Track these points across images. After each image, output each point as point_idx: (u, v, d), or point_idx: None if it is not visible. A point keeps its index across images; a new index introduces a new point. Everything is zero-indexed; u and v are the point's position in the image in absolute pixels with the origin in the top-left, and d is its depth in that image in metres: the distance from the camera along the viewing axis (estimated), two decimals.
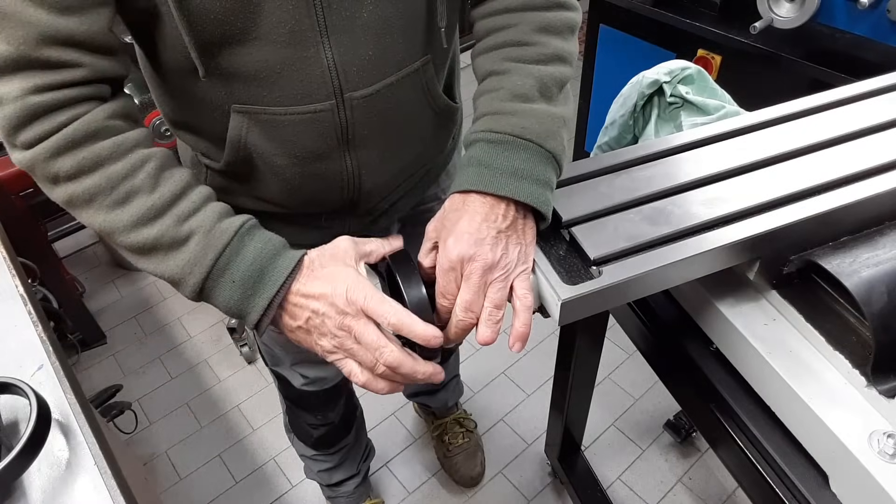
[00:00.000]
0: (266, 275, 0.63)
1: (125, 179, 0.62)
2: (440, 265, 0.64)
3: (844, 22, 1.43)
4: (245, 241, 0.64)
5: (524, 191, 0.64)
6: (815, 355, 0.69)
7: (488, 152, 0.66)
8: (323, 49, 0.68)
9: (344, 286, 0.61)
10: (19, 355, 0.81)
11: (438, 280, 0.65)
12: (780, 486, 0.68)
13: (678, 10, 1.70)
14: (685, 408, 1.00)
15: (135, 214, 0.63)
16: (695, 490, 1.66)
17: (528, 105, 0.68)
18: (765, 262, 0.71)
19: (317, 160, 0.77)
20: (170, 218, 0.63)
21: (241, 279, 0.63)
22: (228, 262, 0.63)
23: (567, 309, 0.62)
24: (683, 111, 1.06)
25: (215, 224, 0.64)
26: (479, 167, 0.65)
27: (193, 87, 0.72)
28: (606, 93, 1.94)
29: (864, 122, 0.80)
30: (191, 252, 0.63)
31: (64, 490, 0.68)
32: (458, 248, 0.63)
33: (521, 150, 0.66)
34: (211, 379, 2.00)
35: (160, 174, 0.64)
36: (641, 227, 0.67)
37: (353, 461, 1.48)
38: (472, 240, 0.62)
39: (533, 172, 0.65)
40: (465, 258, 0.62)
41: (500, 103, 0.68)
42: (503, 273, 0.63)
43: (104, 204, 0.63)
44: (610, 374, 1.92)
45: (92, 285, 2.30)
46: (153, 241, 0.63)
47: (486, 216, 0.64)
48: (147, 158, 0.64)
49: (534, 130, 0.66)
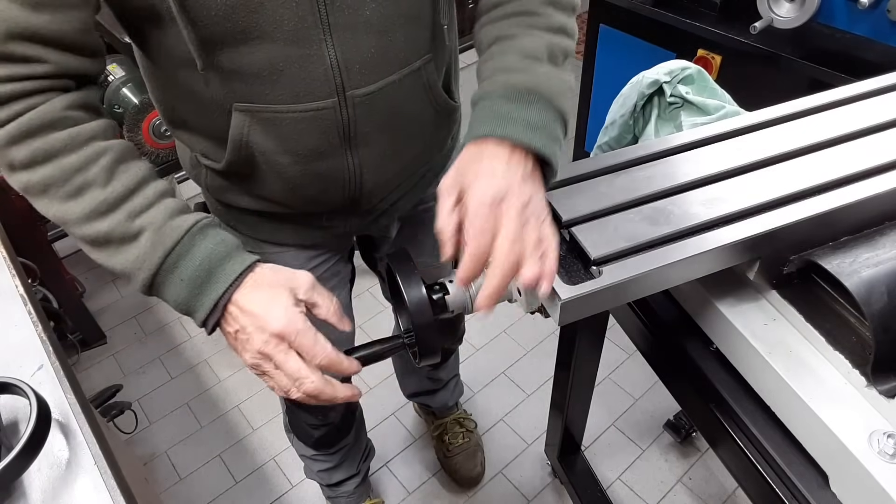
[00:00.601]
0: (214, 275, 0.64)
1: (78, 172, 0.62)
2: (473, 207, 0.61)
3: (844, 22, 1.43)
4: (196, 239, 0.64)
5: (539, 141, 0.64)
6: (815, 355, 0.69)
7: (503, 104, 0.66)
8: (326, 46, 0.68)
9: (280, 314, 0.62)
10: (19, 355, 0.81)
11: (473, 222, 0.60)
12: (780, 486, 0.68)
13: (678, 10, 1.70)
14: (685, 408, 1.00)
15: (87, 208, 0.63)
16: (695, 490, 1.66)
17: (539, 64, 0.69)
18: (765, 262, 0.71)
19: (319, 158, 0.77)
20: (121, 213, 0.63)
21: (189, 278, 0.63)
22: (177, 260, 0.64)
23: (567, 309, 0.62)
24: (683, 111, 1.06)
25: (166, 221, 0.64)
26: (494, 117, 0.65)
27: (195, 87, 0.72)
28: (606, 93, 1.94)
29: (864, 122, 0.80)
30: (141, 248, 0.63)
31: (64, 490, 0.68)
32: (493, 187, 0.60)
33: (535, 104, 0.66)
34: (211, 379, 2.00)
35: (115, 168, 0.64)
36: (641, 227, 0.67)
37: (353, 461, 1.48)
38: (503, 180, 0.61)
39: (546, 126, 0.65)
40: (499, 196, 0.60)
41: (512, 61, 0.69)
42: (536, 213, 0.62)
43: (57, 195, 0.63)
44: (610, 374, 1.92)
45: (92, 285, 2.30)
46: (104, 235, 0.63)
47: (508, 160, 0.63)
48: (103, 151, 0.64)
49: (546, 87, 0.67)
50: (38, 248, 1.80)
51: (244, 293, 0.64)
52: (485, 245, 0.60)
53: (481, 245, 0.60)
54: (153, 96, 0.83)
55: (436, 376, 1.60)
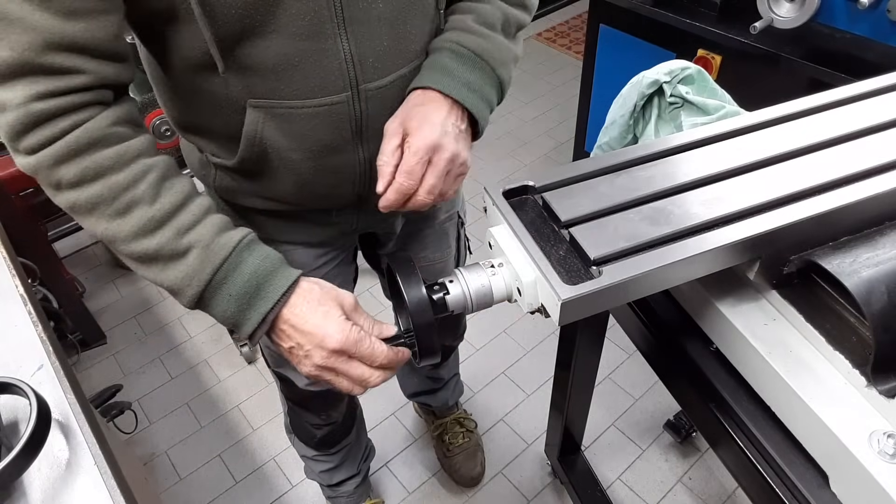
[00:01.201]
0: (262, 291, 0.65)
1: (126, 190, 0.63)
2: (412, 147, 0.70)
3: (844, 22, 1.43)
4: (243, 255, 0.66)
5: (472, 102, 0.75)
6: (815, 355, 0.69)
7: (451, 61, 0.75)
8: (340, 41, 0.70)
9: (336, 330, 0.65)
10: (19, 355, 0.81)
11: (408, 160, 0.71)
12: (780, 486, 0.68)
13: (678, 10, 1.70)
14: (685, 408, 1.00)
15: (135, 225, 0.64)
16: (695, 490, 1.66)
17: (492, 32, 0.78)
18: (765, 262, 0.71)
19: (331, 153, 0.78)
20: (170, 230, 0.64)
21: (238, 294, 0.65)
22: (226, 276, 0.65)
23: (567, 309, 0.62)
24: (683, 111, 1.06)
25: (214, 238, 0.65)
26: (441, 72, 0.74)
27: (208, 85, 0.72)
28: (606, 93, 1.94)
29: (864, 122, 0.80)
30: (189, 265, 0.65)
31: (64, 490, 0.68)
32: (431, 135, 0.70)
33: (478, 68, 0.76)
34: (211, 379, 2.00)
35: (161, 184, 0.65)
36: (641, 227, 0.67)
37: (353, 461, 1.48)
38: (441, 130, 0.71)
39: (482, 90, 0.76)
40: (436, 146, 0.71)
41: (470, 23, 0.78)
42: (457, 168, 0.74)
43: (106, 213, 0.64)
44: (610, 374, 1.92)
45: (92, 285, 2.30)
46: (153, 252, 0.64)
47: (448, 113, 0.73)
48: (149, 169, 0.65)
49: (492, 55, 0.77)
50: (38, 248, 1.80)
51: (295, 310, 0.66)
52: (410, 185, 0.71)
53: (407, 184, 0.71)
54: (161, 99, 0.83)
55: (437, 375, 1.61)
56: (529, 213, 0.71)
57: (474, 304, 0.68)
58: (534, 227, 0.69)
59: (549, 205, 0.70)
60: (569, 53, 3.42)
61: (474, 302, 0.68)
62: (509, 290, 0.68)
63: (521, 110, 2.99)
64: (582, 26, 3.54)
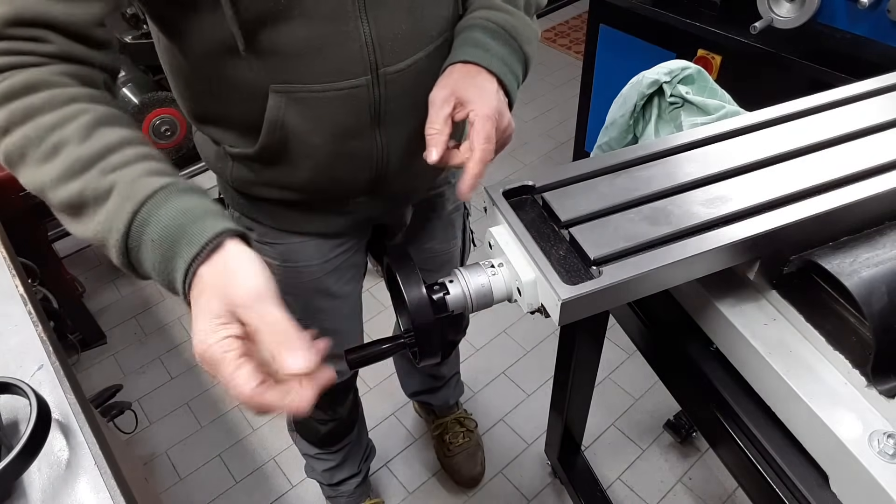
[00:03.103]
0: (188, 233, 0.52)
1: (53, 130, 0.56)
2: (481, 114, 0.70)
3: (844, 22, 1.43)
4: (171, 197, 0.54)
5: (507, 77, 0.76)
6: (815, 355, 0.69)
7: (484, 37, 0.76)
8: (361, 24, 0.71)
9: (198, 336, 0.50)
10: (19, 355, 0.81)
11: (483, 127, 0.70)
12: (780, 486, 0.68)
13: (678, 10, 1.69)
14: (685, 408, 1.00)
15: (60, 167, 0.55)
16: (695, 490, 1.66)
17: (517, 10, 0.80)
18: (765, 262, 0.71)
19: (350, 138, 0.79)
20: (95, 170, 0.55)
21: (160, 237, 0.52)
22: (148, 216, 0.53)
23: (567, 309, 0.62)
24: (683, 111, 1.06)
25: (141, 177, 0.55)
26: (477, 47, 0.75)
27: (231, 72, 0.73)
28: (606, 93, 1.94)
29: (864, 122, 0.80)
30: (110, 207, 0.54)
31: (64, 490, 0.68)
32: (493, 102, 0.72)
33: (507, 44, 0.77)
34: (211, 379, 2.00)
35: (95, 127, 0.57)
36: (641, 227, 0.67)
37: (354, 460, 1.48)
38: (497, 98, 0.73)
39: (512, 66, 0.78)
40: (499, 112, 0.72)
41: (496, 1, 0.80)
42: (510, 135, 0.75)
43: (34, 158, 0.57)
44: (610, 374, 1.92)
45: (92, 285, 2.30)
46: (76, 196, 0.55)
47: (496, 89, 0.75)
48: (82, 111, 0.58)
49: (519, 31, 0.78)
50: (38, 248, 1.80)
51: (199, 277, 0.52)
52: (490, 151, 0.70)
53: (489, 149, 0.70)
54: (178, 91, 0.83)
55: (438, 373, 1.61)
56: (529, 213, 0.71)
57: (474, 304, 0.68)
58: (534, 227, 0.69)
59: (549, 205, 0.70)
60: (569, 53, 3.42)
61: (474, 302, 0.68)
62: (509, 290, 0.68)
63: (521, 110, 2.99)
64: (582, 26, 3.54)
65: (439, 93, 0.73)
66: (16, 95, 0.57)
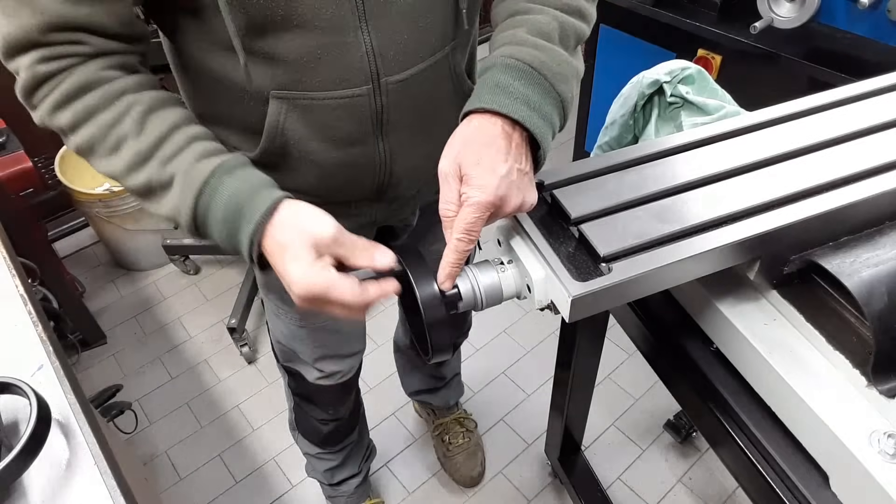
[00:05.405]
0: (244, 213, 0.63)
1: (113, 127, 0.65)
2: (471, 201, 0.62)
3: (844, 22, 1.43)
4: (223, 179, 0.64)
5: (533, 122, 0.64)
6: (816, 355, 0.69)
7: (505, 77, 0.65)
8: (361, 34, 0.70)
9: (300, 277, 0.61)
10: (19, 355, 0.81)
11: (467, 216, 0.62)
12: (780, 486, 0.68)
13: (678, 10, 1.70)
14: (685, 408, 1.00)
15: (127, 160, 0.65)
16: (695, 490, 1.66)
17: (547, 43, 0.68)
18: (765, 262, 0.71)
19: (352, 145, 0.79)
20: (155, 161, 0.65)
21: (223, 218, 0.64)
22: (210, 201, 0.64)
23: (577, 305, 0.62)
24: (684, 111, 1.06)
25: (193, 165, 0.64)
26: (495, 89, 0.65)
27: (231, 77, 0.73)
28: (606, 93, 1.94)
29: (864, 122, 0.80)
30: (175, 194, 0.65)
31: (64, 490, 0.68)
32: (493, 186, 0.62)
33: (536, 83, 0.65)
34: (211, 379, 2.00)
35: (146, 118, 0.65)
36: (650, 224, 0.67)
37: (355, 460, 1.49)
38: (505, 180, 0.62)
39: (542, 108, 0.65)
40: (499, 199, 0.62)
41: (522, 35, 0.68)
42: (519, 210, 0.66)
43: (103, 152, 0.66)
44: (610, 374, 1.92)
45: (92, 285, 2.30)
46: (145, 185, 0.65)
47: (508, 150, 0.63)
48: (133, 104, 0.65)
49: (550, 68, 0.66)
50: (38, 248, 1.79)
51: (268, 244, 0.63)
52: (468, 242, 0.64)
53: (464, 242, 0.63)
54: (182, 89, 0.84)
55: (439, 373, 1.61)
56: (539, 210, 0.71)
57: (484, 301, 0.68)
58: (543, 225, 0.69)
59: (559, 202, 0.70)
60: None
61: (484, 299, 0.68)
62: (519, 287, 0.68)
63: None
64: None
65: (445, 163, 0.65)
66: (75, 96, 0.64)
